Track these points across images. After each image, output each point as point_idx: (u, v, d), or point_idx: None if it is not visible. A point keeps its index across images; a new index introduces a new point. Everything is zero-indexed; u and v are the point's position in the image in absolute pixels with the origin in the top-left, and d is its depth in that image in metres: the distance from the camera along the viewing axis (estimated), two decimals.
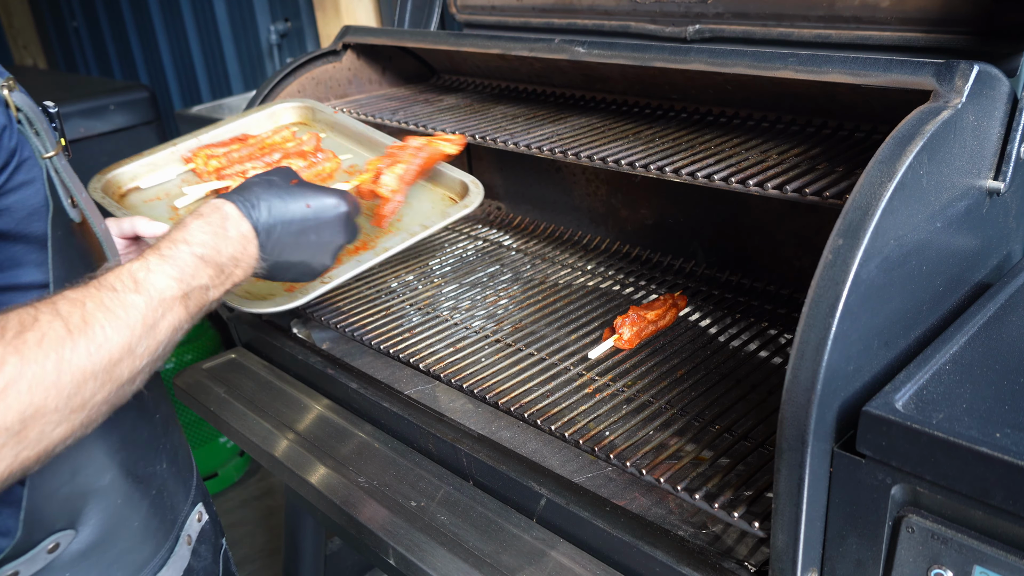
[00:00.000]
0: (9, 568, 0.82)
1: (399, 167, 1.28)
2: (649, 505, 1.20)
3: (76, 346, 0.71)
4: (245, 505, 3.08)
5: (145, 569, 0.97)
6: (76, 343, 0.71)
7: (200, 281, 0.86)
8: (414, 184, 1.50)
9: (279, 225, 0.95)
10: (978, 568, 0.79)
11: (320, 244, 1.01)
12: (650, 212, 1.86)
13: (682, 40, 1.50)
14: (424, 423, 1.39)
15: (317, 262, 1.03)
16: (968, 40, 1.18)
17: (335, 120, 1.77)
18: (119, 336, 0.75)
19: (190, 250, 0.86)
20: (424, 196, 1.61)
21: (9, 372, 0.65)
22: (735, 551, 1.09)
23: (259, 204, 0.95)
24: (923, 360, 0.91)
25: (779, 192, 1.09)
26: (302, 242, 0.98)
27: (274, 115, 1.78)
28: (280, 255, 0.96)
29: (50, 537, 0.85)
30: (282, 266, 0.98)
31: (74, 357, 0.70)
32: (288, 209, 0.96)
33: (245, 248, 0.92)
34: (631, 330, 1.46)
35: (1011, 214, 1.13)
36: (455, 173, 1.61)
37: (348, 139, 1.75)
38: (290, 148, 1.65)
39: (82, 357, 0.71)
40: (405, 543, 1.24)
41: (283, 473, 1.49)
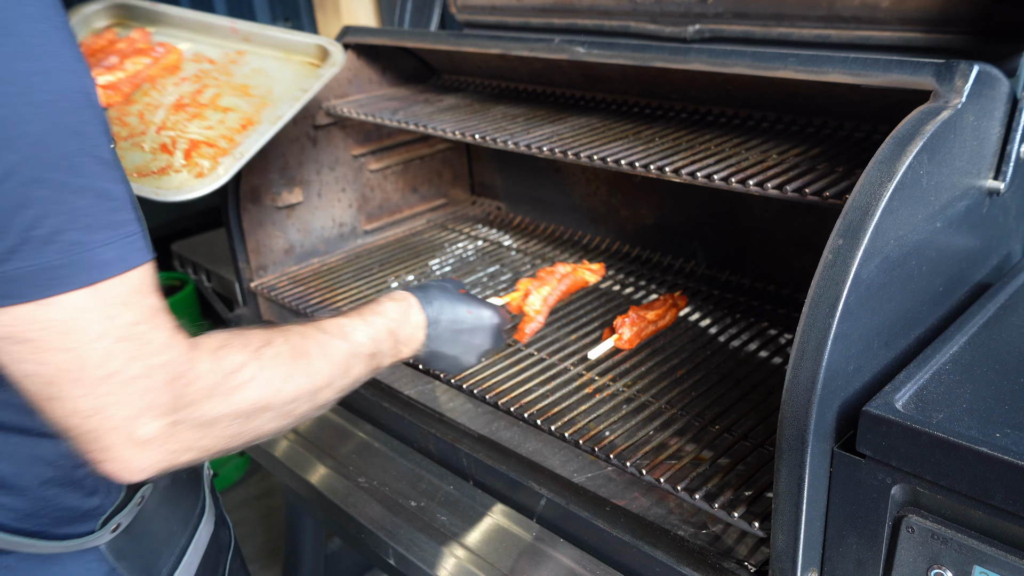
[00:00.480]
0: (113, 522, 0.97)
1: (545, 289, 1.41)
2: (649, 505, 1.20)
3: (296, 369, 0.91)
4: (245, 505, 3.08)
5: (193, 516, 1.12)
6: (297, 366, 0.91)
7: (384, 347, 1.07)
8: (271, 59, 1.65)
9: (445, 322, 1.16)
10: (978, 568, 0.79)
11: (471, 345, 1.20)
12: (650, 212, 1.86)
13: (682, 40, 1.50)
14: (424, 423, 1.39)
15: (464, 360, 1.21)
16: (968, 40, 1.18)
17: (155, 11, 1.76)
18: (326, 369, 0.95)
19: (384, 322, 1.08)
20: (283, 67, 1.65)
21: (251, 371, 0.86)
22: (735, 551, 1.09)
23: (434, 302, 1.16)
24: (923, 360, 0.91)
25: (779, 192, 1.09)
26: (458, 340, 1.18)
27: (85, 21, 1.76)
28: (439, 346, 1.17)
29: (140, 490, 1.01)
30: (437, 355, 1.18)
31: (295, 378, 0.91)
32: (455, 311, 1.18)
33: (415, 333, 1.14)
34: (631, 330, 1.46)
35: (1011, 214, 1.13)
36: (305, 38, 1.67)
37: (178, 28, 1.75)
38: (123, 48, 1.64)
39: (300, 378, 0.91)
40: (405, 543, 1.24)
41: (283, 473, 1.49)
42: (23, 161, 0.69)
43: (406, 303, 1.14)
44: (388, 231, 2.10)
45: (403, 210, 2.13)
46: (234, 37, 1.71)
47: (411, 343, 1.14)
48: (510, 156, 2.11)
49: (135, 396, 0.76)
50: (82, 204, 0.73)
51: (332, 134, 1.91)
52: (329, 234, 1.97)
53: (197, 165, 1.40)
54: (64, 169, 0.71)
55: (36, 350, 0.73)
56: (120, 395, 0.76)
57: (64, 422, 0.76)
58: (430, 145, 2.13)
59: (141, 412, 0.77)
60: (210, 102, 1.55)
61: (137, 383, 0.76)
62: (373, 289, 1.77)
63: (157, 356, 0.78)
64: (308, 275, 1.85)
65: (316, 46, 1.65)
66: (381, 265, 1.90)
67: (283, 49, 1.68)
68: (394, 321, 1.10)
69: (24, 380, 0.75)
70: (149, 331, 0.78)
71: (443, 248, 2.00)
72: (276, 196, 1.82)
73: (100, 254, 0.74)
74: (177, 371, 0.79)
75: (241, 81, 1.62)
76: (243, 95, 1.57)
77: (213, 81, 1.61)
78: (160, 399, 0.78)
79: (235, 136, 1.45)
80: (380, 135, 2.02)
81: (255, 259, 1.82)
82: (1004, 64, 1.12)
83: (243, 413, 0.85)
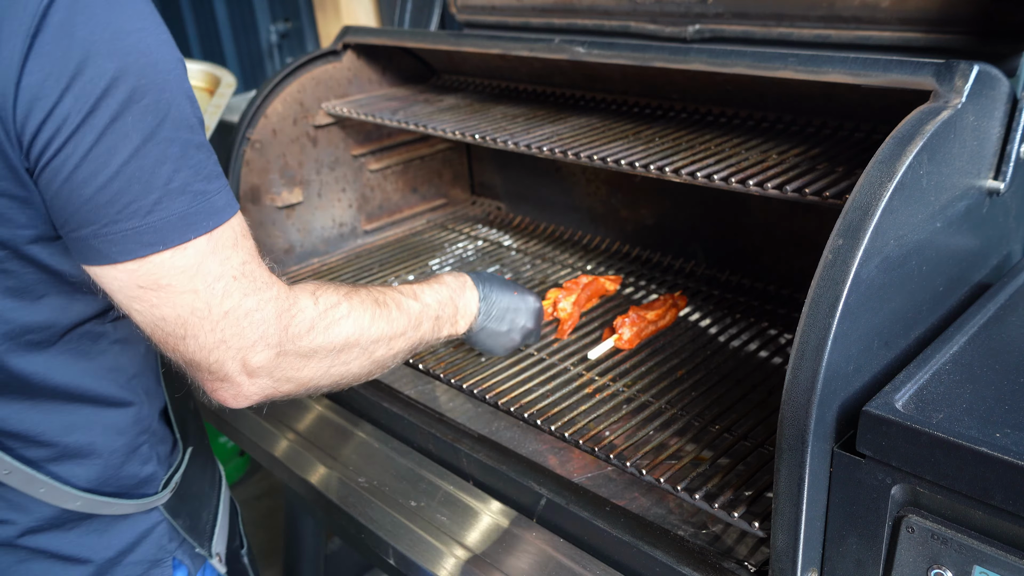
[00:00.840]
0: (173, 482, 1.08)
1: (572, 296, 1.58)
2: (649, 505, 1.20)
3: (378, 314, 1.04)
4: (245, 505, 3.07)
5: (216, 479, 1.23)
6: (378, 312, 1.05)
7: (446, 313, 1.21)
8: None
9: (495, 300, 1.31)
10: (978, 568, 0.79)
11: (516, 324, 1.34)
12: (650, 212, 1.86)
13: (682, 40, 1.50)
14: (424, 423, 1.39)
15: (510, 338, 1.35)
16: (968, 40, 1.18)
17: None
18: (402, 320, 1.09)
19: (447, 291, 1.23)
20: None
21: (345, 309, 0.99)
22: (735, 551, 1.09)
23: (486, 283, 1.31)
24: (923, 360, 0.91)
25: (779, 192, 1.09)
26: (505, 318, 1.32)
27: None
28: (490, 322, 1.30)
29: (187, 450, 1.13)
30: (488, 331, 1.31)
31: (377, 321, 1.04)
32: (504, 291, 1.33)
33: (470, 307, 1.27)
34: (631, 330, 1.46)
35: (1011, 214, 1.13)
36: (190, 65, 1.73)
37: None
38: None
39: (381, 322, 1.05)
40: (405, 543, 1.24)
41: (283, 473, 1.49)
42: (161, 123, 0.78)
43: (463, 279, 1.28)
44: (388, 231, 2.10)
45: (403, 210, 2.13)
46: None
47: (467, 316, 1.27)
48: (510, 156, 2.11)
49: (250, 328, 0.87)
50: (201, 158, 0.83)
51: (332, 134, 1.91)
52: (329, 234, 1.97)
53: None
54: (187, 128, 0.81)
55: (171, 294, 0.83)
56: (238, 328, 0.86)
57: (192, 357, 0.87)
58: (430, 145, 2.13)
59: (255, 343, 0.88)
60: None
61: (252, 316, 0.87)
62: None
63: (265, 291, 0.89)
64: (308, 275, 1.85)
65: (203, 72, 1.74)
66: (381, 265, 1.90)
67: None
68: (455, 291, 1.24)
69: (159, 324, 0.85)
70: (255, 269, 0.89)
71: (443, 248, 2.00)
72: (276, 196, 1.82)
73: (217, 201, 0.84)
74: (283, 305, 0.91)
75: None
76: None
77: None
78: (270, 330, 0.89)
79: None
80: (380, 135, 2.02)
81: None
82: (1004, 64, 1.12)
83: (337, 347, 0.97)
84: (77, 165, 0.76)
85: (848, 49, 1.31)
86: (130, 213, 0.79)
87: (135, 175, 0.78)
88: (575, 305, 1.58)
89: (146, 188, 0.78)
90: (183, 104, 0.81)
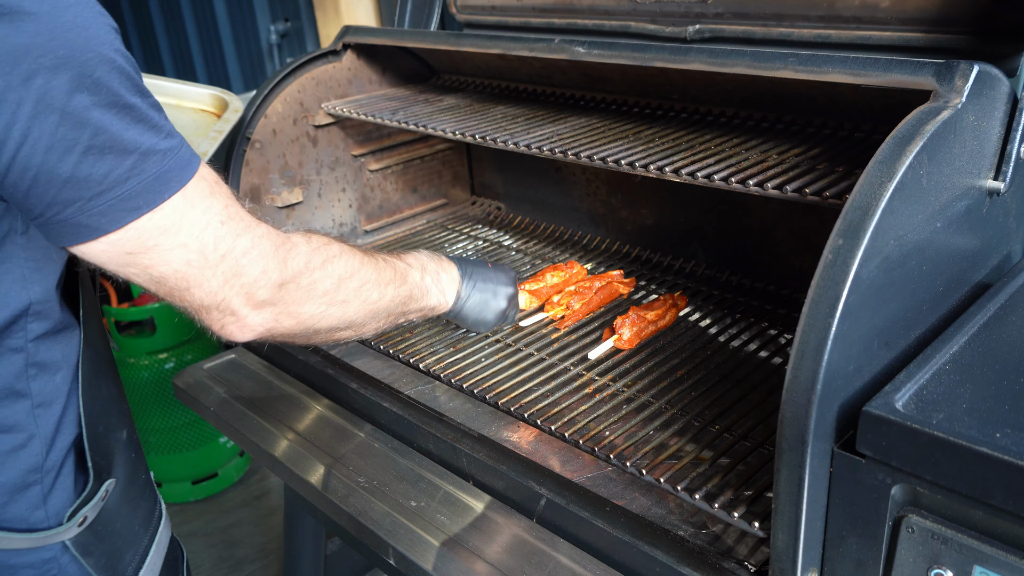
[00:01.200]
0: (80, 515, 1.02)
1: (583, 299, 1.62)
2: (649, 505, 1.20)
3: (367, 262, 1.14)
4: (245, 505, 3.08)
5: (153, 518, 1.18)
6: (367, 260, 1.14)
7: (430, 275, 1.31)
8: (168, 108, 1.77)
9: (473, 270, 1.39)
10: (978, 568, 0.79)
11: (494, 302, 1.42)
12: (650, 212, 1.86)
13: (682, 40, 1.50)
14: (424, 423, 1.39)
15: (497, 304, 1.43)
16: (968, 40, 1.18)
17: None
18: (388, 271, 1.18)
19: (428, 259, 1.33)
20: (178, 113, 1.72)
21: (335, 250, 1.07)
22: (735, 551, 1.09)
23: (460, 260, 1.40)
24: (923, 360, 0.91)
25: (779, 192, 1.08)
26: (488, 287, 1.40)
27: None
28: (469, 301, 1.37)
29: (104, 485, 1.06)
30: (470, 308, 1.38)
31: (366, 266, 1.13)
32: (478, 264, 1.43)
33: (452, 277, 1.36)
34: (631, 330, 1.46)
35: (1011, 214, 1.13)
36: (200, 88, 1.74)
37: None
38: None
39: (370, 269, 1.14)
40: (405, 543, 1.24)
41: (283, 473, 1.49)
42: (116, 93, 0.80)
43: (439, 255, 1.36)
44: (388, 231, 2.10)
45: (403, 210, 2.13)
46: None
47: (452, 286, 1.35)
48: (510, 156, 2.11)
49: (250, 265, 0.92)
50: (158, 117, 0.84)
51: (332, 134, 1.91)
52: (329, 234, 1.97)
53: None
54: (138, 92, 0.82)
55: (162, 252, 0.85)
56: (238, 267, 0.91)
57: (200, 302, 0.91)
58: (430, 145, 2.13)
59: (256, 278, 0.93)
60: None
61: (250, 253, 0.91)
62: None
63: (255, 228, 0.93)
64: None
65: (211, 96, 1.73)
66: None
67: (175, 97, 1.76)
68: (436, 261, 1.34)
69: (161, 281, 0.88)
70: (238, 211, 0.92)
71: (443, 248, 2.00)
72: (276, 196, 1.82)
73: (183, 155, 0.85)
74: (277, 240, 0.96)
75: None
76: None
77: None
78: (270, 264, 0.94)
79: None
80: (380, 135, 2.02)
81: None
82: (1004, 64, 1.12)
83: (334, 283, 1.05)
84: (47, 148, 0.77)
85: (848, 49, 1.31)
86: (111, 183, 0.80)
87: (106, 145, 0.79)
88: (584, 306, 1.59)
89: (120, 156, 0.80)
90: (127, 70, 0.82)
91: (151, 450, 3.00)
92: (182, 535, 2.92)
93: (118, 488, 1.09)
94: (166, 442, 2.99)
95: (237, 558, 2.79)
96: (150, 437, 2.97)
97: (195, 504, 3.11)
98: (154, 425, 2.94)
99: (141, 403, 2.91)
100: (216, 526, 2.97)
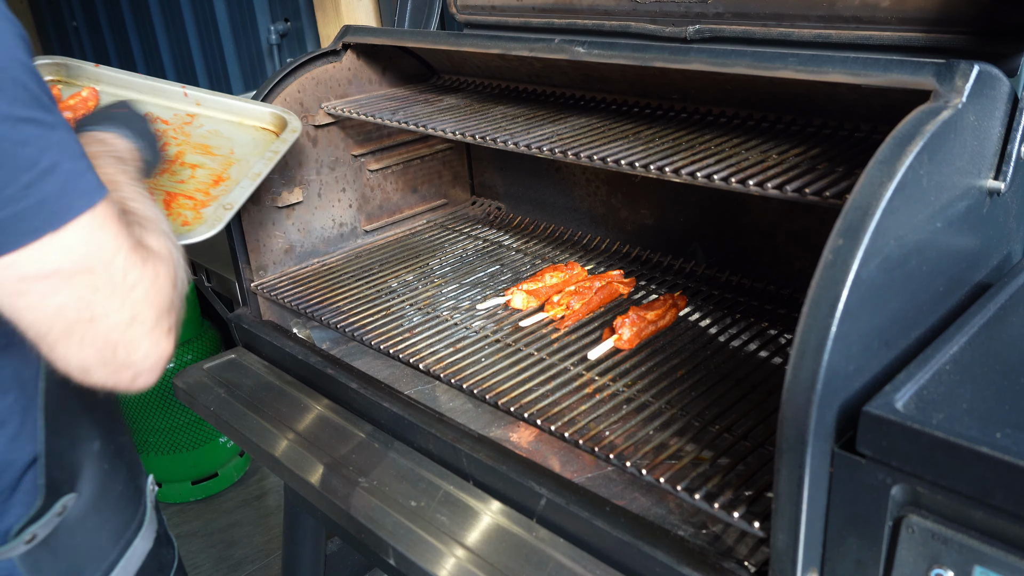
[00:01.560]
0: (28, 533, 0.96)
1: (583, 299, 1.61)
2: (649, 505, 1.20)
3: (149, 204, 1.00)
4: (245, 505, 3.08)
5: (127, 531, 1.12)
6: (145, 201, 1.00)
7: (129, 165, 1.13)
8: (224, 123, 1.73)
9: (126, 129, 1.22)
10: (978, 568, 0.79)
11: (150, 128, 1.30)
12: (650, 212, 1.86)
13: (682, 40, 1.50)
14: (424, 423, 1.39)
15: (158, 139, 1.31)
16: (968, 40, 1.18)
17: (98, 74, 1.77)
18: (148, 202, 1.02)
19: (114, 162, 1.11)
20: (238, 130, 1.71)
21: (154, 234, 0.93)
22: (735, 551, 1.09)
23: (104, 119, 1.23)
24: (923, 360, 0.91)
25: (779, 192, 1.08)
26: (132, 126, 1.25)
27: None
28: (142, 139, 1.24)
29: (60, 500, 1.00)
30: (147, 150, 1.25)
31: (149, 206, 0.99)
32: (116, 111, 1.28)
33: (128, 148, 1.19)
34: (631, 330, 1.46)
35: (1011, 214, 1.13)
36: (260, 107, 1.72)
37: (124, 89, 1.76)
38: (74, 104, 1.66)
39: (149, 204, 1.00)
40: (405, 543, 1.24)
41: (283, 473, 1.49)
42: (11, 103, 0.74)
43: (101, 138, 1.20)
44: (388, 231, 2.10)
45: (403, 210, 2.13)
46: (185, 100, 1.76)
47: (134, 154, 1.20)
48: (510, 156, 2.11)
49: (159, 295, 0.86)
50: (62, 136, 0.79)
51: (332, 134, 1.91)
52: (329, 234, 1.97)
53: (181, 215, 1.47)
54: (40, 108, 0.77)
55: (64, 278, 0.78)
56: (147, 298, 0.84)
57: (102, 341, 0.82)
58: (430, 145, 2.13)
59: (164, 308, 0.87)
60: (176, 158, 1.61)
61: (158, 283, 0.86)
62: (373, 289, 1.77)
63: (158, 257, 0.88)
64: (308, 275, 1.85)
65: (272, 114, 1.71)
66: (381, 265, 1.90)
67: (236, 114, 1.74)
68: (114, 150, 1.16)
69: (58, 313, 0.79)
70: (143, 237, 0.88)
71: (443, 248, 2.00)
72: (276, 196, 1.82)
73: (89, 178, 0.81)
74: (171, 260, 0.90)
75: (200, 141, 1.67)
76: (206, 153, 1.64)
77: (173, 140, 1.66)
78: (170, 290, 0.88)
79: (209, 190, 1.54)
80: (380, 135, 2.02)
81: (255, 259, 1.82)
82: (1004, 64, 1.12)
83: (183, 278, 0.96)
84: None
85: (848, 49, 1.31)
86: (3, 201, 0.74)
87: None
88: (585, 306, 1.59)
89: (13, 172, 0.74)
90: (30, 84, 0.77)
91: (151, 450, 3.00)
92: (182, 535, 2.92)
93: (83, 502, 1.03)
94: (166, 442, 2.99)
95: (237, 558, 2.79)
96: (150, 437, 2.97)
97: (195, 504, 3.11)
98: (154, 425, 2.94)
99: (141, 403, 2.91)
100: (216, 526, 2.97)
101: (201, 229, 1.40)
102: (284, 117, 1.70)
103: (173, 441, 2.99)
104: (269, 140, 1.68)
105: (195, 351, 2.94)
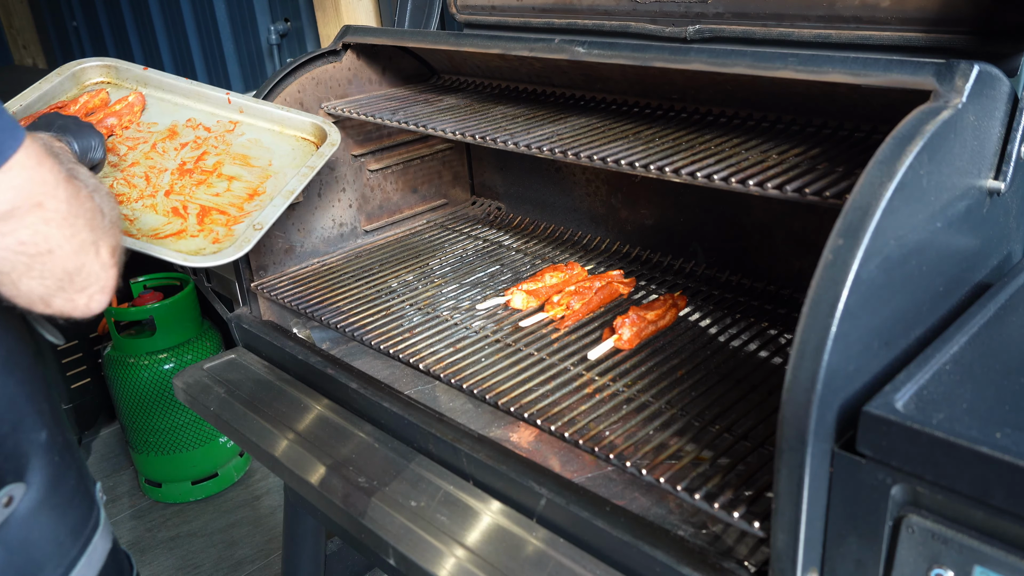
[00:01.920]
0: None
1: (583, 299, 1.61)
2: (649, 505, 1.20)
3: None
4: (245, 505, 3.08)
5: (86, 528, 1.11)
6: None
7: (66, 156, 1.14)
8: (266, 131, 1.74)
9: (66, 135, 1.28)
10: (978, 568, 0.79)
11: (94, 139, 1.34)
12: (650, 212, 1.86)
13: (682, 40, 1.50)
14: (424, 423, 1.39)
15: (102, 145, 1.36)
16: (968, 40, 1.18)
17: (145, 77, 1.79)
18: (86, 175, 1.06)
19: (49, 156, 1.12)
20: (279, 140, 1.72)
21: None
22: (735, 551, 1.09)
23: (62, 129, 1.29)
24: (923, 360, 0.91)
25: (779, 192, 1.08)
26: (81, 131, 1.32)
27: (75, 78, 1.77)
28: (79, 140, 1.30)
29: (4, 489, 0.98)
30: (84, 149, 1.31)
31: None
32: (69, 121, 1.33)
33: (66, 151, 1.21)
34: (631, 330, 1.46)
35: (1011, 214, 1.13)
36: (302, 116, 1.73)
37: (170, 93, 1.78)
38: (118, 109, 1.67)
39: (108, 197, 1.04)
40: (405, 543, 1.24)
41: (283, 473, 1.49)
42: None
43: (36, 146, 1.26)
44: (388, 231, 2.10)
45: (403, 210, 2.14)
46: (228, 107, 1.76)
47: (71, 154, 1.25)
48: (510, 156, 2.11)
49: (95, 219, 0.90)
50: None
51: None
52: (329, 234, 1.97)
53: (212, 231, 1.48)
54: None
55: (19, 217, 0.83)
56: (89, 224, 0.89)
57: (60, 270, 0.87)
58: (430, 145, 2.13)
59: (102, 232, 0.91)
60: (213, 169, 1.61)
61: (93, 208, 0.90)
62: (373, 289, 1.77)
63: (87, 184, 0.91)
64: (308, 275, 1.85)
65: (312, 124, 1.72)
66: (381, 265, 1.90)
67: (278, 123, 1.75)
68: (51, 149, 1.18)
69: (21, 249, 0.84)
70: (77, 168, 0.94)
71: (443, 248, 2.00)
72: None
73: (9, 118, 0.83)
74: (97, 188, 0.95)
75: (240, 151, 1.67)
76: (244, 164, 1.64)
77: (212, 148, 1.66)
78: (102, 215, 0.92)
79: (244, 205, 1.55)
80: (380, 135, 2.02)
81: (255, 259, 1.82)
82: (1005, 64, 1.12)
83: None
84: None
85: (848, 49, 1.31)
86: None
87: None
88: (585, 306, 1.60)
89: None
90: None
91: (151, 450, 3.00)
92: (182, 535, 2.92)
93: (33, 495, 1.01)
94: (166, 442, 2.99)
95: (237, 558, 2.79)
96: (150, 437, 2.98)
97: (195, 504, 3.11)
98: (154, 425, 2.94)
99: (141, 403, 2.91)
100: (216, 526, 2.97)
101: (229, 251, 1.43)
102: (324, 128, 1.70)
103: (173, 441, 2.99)
104: (308, 151, 1.69)
105: (195, 351, 2.94)
